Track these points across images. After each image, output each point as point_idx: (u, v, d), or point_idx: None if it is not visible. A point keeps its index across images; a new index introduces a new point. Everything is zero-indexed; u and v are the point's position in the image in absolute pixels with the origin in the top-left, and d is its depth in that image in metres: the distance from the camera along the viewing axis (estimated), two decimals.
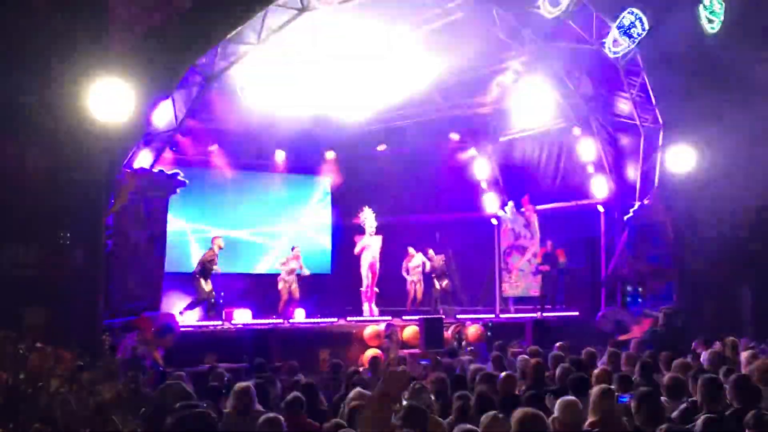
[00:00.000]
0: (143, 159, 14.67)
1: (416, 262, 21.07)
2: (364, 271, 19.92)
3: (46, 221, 12.38)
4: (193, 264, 18.46)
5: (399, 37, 19.05)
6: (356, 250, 20.27)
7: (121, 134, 13.27)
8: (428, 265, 21.01)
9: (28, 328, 11.63)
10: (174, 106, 14.86)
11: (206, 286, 17.51)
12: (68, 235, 12.51)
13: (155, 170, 14.70)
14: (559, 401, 6.24)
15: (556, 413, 6.12)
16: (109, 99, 12.53)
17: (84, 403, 4.63)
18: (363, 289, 19.84)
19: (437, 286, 20.87)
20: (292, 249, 20.23)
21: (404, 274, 21.00)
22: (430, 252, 21.36)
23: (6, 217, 12.13)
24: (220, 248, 17.92)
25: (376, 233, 20.32)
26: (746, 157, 17.29)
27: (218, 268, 17.79)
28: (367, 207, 20.56)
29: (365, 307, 19.70)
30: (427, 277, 21.15)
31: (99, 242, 13.05)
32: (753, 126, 17.64)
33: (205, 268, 17.59)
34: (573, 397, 6.39)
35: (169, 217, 15.48)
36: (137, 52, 13.44)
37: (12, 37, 12.20)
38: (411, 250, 21.24)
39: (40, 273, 12.22)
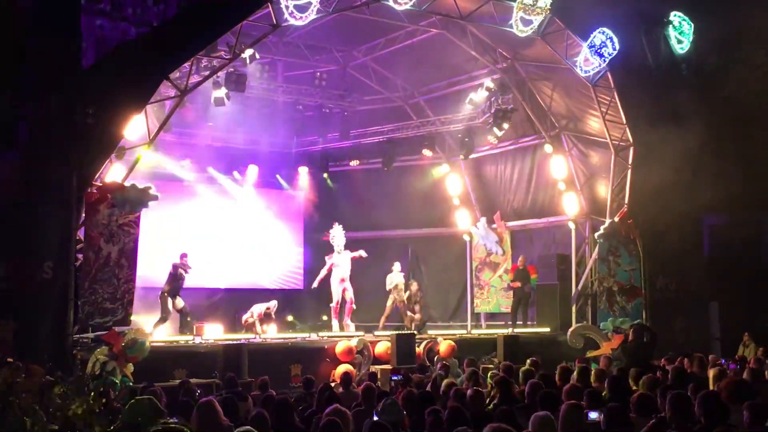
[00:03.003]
0: (115, 172, 14.60)
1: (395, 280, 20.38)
2: (334, 287, 19.70)
3: (16, 234, 12.28)
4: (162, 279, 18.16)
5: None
6: (324, 269, 20.01)
7: (93, 147, 13.22)
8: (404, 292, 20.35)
9: None
10: (147, 119, 14.80)
11: (177, 303, 17.37)
12: (51, 265, 12.42)
13: (127, 184, 14.61)
14: (533, 417, 6.31)
15: (530, 428, 6.18)
16: (81, 112, 12.51)
17: (54, 417, 4.61)
18: (333, 305, 19.71)
19: (413, 315, 20.43)
20: (267, 308, 19.36)
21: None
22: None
23: None
24: (187, 266, 17.68)
25: (349, 249, 20.09)
26: (713, 176, 17.51)
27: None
28: (337, 224, 20.33)
29: (334, 322, 19.61)
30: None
31: (69, 256, 12.96)
32: (720, 144, 17.93)
33: (176, 286, 17.45)
34: (547, 413, 6.45)
35: (141, 230, 15.34)
36: (110, 66, 13.42)
37: None
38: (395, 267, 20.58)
39: (8, 286, 12.11)
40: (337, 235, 19.94)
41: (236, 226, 23.42)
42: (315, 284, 20.18)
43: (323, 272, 19.93)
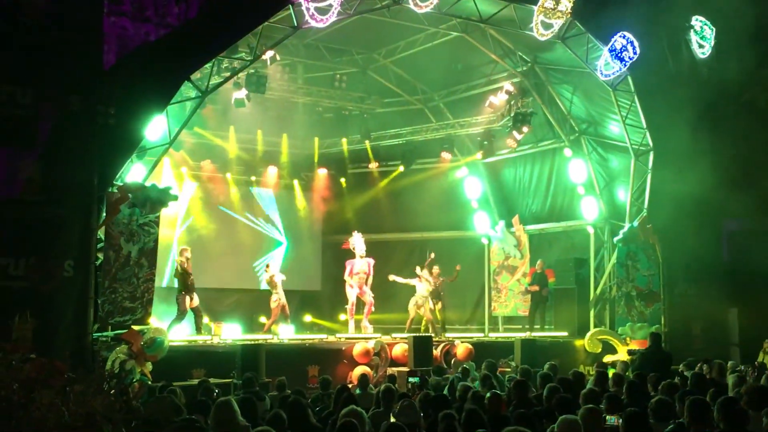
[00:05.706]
0: (136, 172, 14.69)
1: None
2: (349, 289, 19.43)
3: (36, 233, 12.36)
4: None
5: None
6: (346, 273, 19.74)
7: (114, 147, 13.30)
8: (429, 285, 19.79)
9: (17, 339, 11.61)
10: (168, 120, 14.88)
11: (192, 302, 17.19)
12: (72, 263, 12.49)
13: (147, 184, 14.69)
14: (560, 419, 6.33)
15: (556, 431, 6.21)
16: (102, 112, 12.59)
17: (76, 414, 4.65)
18: (348, 306, 19.61)
19: (431, 307, 20.21)
20: (267, 267, 19.60)
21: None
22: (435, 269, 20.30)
23: None
24: (188, 259, 17.42)
25: (367, 250, 19.98)
26: (733, 180, 17.41)
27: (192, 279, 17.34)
28: (355, 231, 20.15)
29: (351, 323, 19.54)
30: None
31: (89, 254, 13.02)
32: (740, 149, 17.82)
33: (185, 283, 17.17)
34: (574, 416, 6.46)
35: (161, 230, 15.41)
36: (131, 66, 13.50)
37: (6, 49, 12.24)
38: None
39: (28, 284, 12.18)
40: (357, 242, 19.70)
41: (255, 226, 23.51)
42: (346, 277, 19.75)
43: (347, 273, 19.65)
